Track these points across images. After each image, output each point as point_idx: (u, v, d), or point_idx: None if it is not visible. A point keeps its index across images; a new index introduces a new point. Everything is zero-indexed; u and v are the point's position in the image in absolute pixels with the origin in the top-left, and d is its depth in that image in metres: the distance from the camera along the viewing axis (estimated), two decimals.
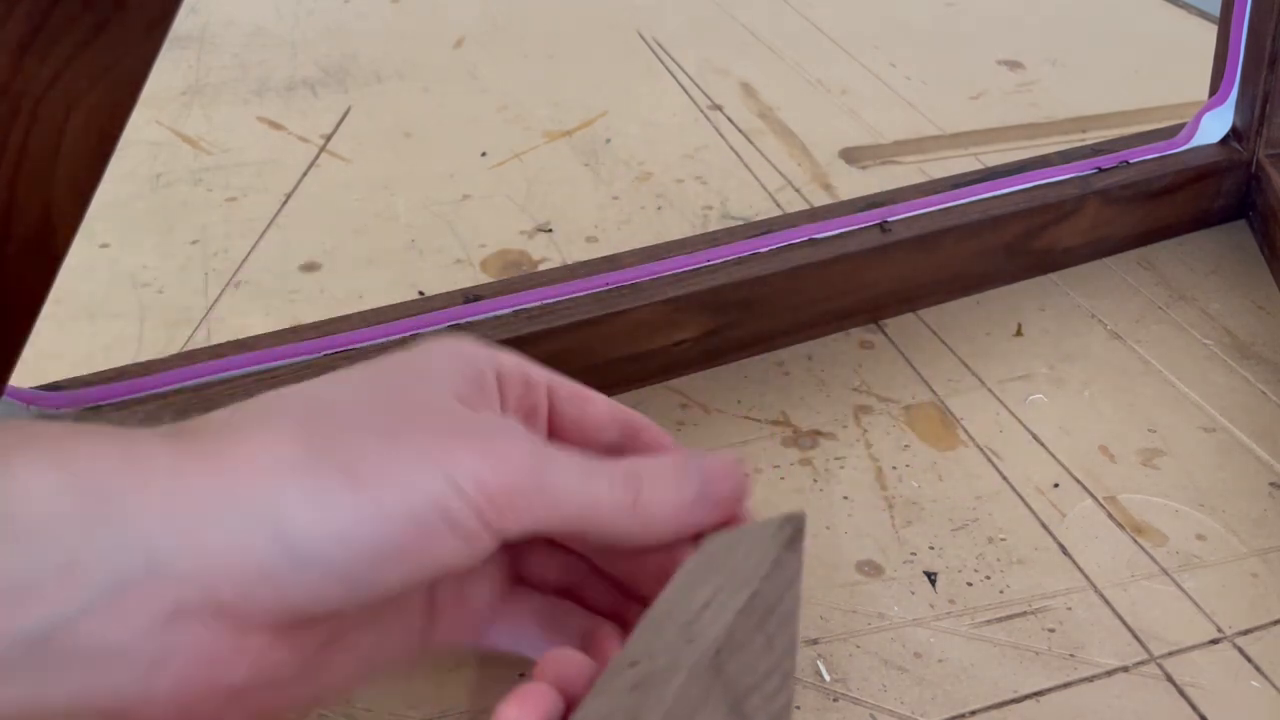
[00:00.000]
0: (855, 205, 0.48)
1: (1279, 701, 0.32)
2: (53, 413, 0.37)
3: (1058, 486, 0.40)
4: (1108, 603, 0.36)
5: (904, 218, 0.47)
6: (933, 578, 0.36)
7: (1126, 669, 0.34)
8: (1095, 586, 0.36)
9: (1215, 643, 0.34)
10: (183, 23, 0.81)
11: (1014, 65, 0.73)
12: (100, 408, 0.37)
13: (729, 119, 0.67)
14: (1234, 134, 0.53)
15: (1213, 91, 0.53)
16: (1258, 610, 0.35)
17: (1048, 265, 0.51)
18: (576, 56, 0.76)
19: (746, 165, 0.62)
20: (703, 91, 0.70)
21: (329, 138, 0.64)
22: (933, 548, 0.38)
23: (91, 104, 0.25)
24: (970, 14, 0.82)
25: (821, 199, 0.58)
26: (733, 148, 0.63)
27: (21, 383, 0.36)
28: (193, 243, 0.55)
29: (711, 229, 0.49)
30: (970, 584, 0.36)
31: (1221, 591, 0.36)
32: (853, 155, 0.63)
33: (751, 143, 0.64)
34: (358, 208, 0.58)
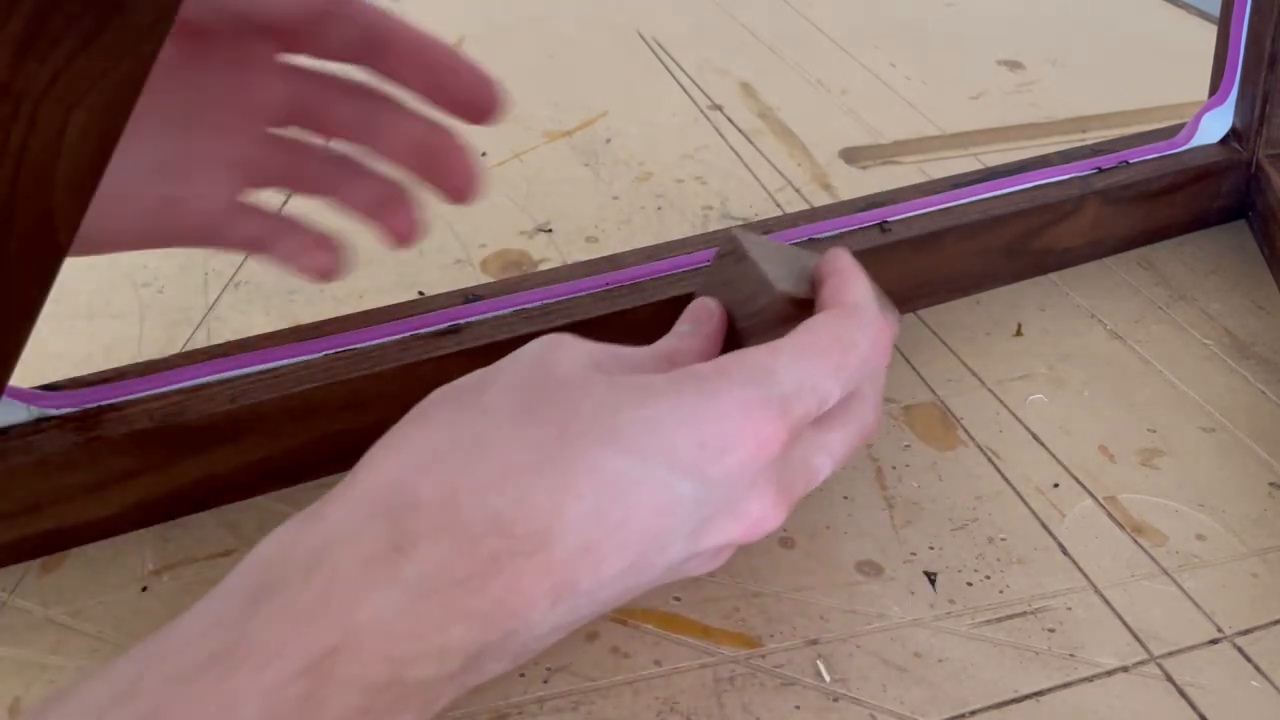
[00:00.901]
0: (855, 205, 0.48)
1: (1279, 701, 0.32)
2: (52, 412, 0.37)
3: (1058, 486, 0.40)
4: (1108, 603, 0.36)
5: (904, 218, 0.47)
6: (933, 578, 0.37)
7: (1126, 669, 0.34)
8: (1095, 586, 0.36)
9: (1215, 643, 0.34)
10: None
11: (1014, 65, 0.73)
12: (100, 407, 0.37)
13: (729, 119, 0.67)
14: (1234, 134, 0.53)
15: (1213, 91, 0.53)
16: (1258, 610, 0.35)
17: (1048, 265, 0.51)
18: (576, 56, 0.76)
19: (746, 165, 0.62)
20: (703, 91, 0.70)
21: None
22: (933, 548, 0.38)
23: (91, 104, 0.25)
24: (970, 14, 0.82)
25: (821, 199, 0.58)
26: (733, 148, 0.63)
27: (21, 383, 0.36)
28: None
29: (711, 229, 0.49)
30: (970, 584, 0.36)
31: (1221, 591, 0.36)
32: (853, 155, 0.63)
33: (751, 143, 0.64)
34: None
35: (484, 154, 0.62)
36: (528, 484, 0.27)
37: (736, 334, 0.36)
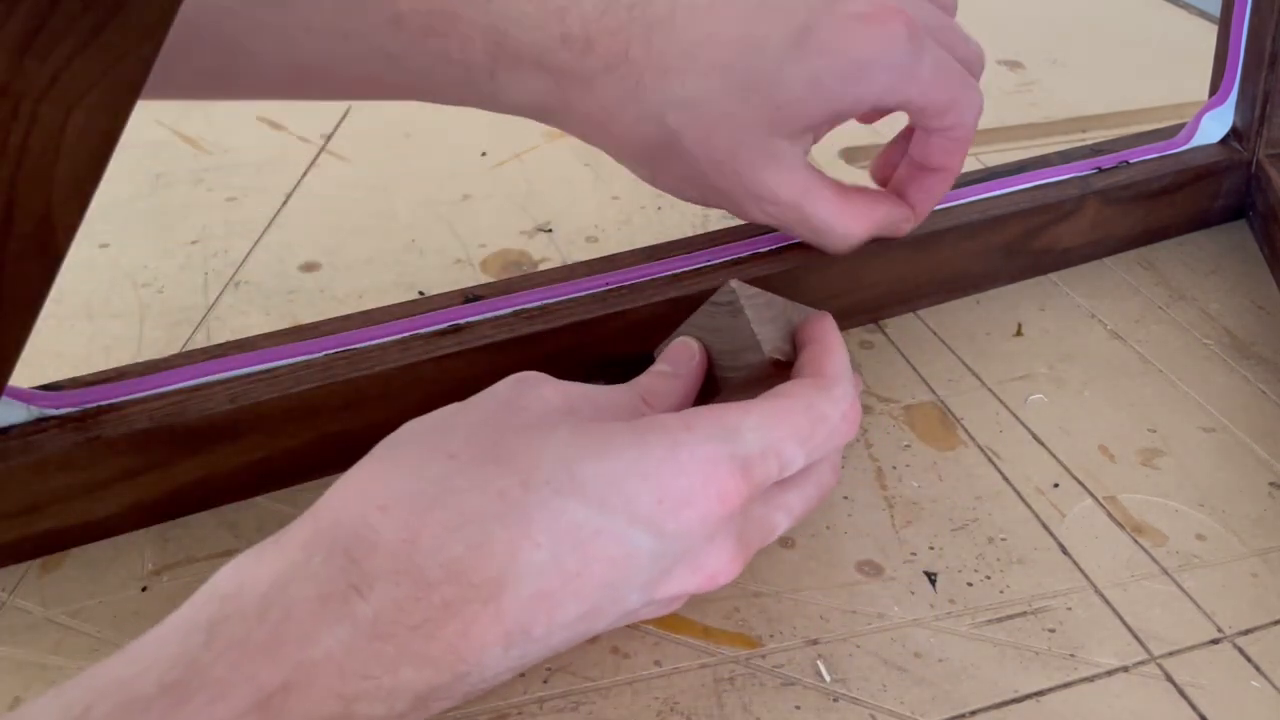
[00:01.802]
0: None
1: (1279, 701, 0.32)
2: (52, 412, 0.37)
3: (1058, 486, 0.40)
4: (1108, 603, 0.36)
5: None
6: (933, 578, 0.37)
7: (1126, 669, 0.34)
8: (1095, 586, 0.36)
9: (1215, 643, 0.34)
10: None
11: (1014, 65, 0.73)
12: (100, 407, 0.37)
13: None
14: (1234, 134, 0.53)
15: (1213, 91, 0.53)
16: (1258, 610, 0.35)
17: (1048, 265, 0.51)
18: None
19: None
20: None
21: (329, 137, 0.64)
22: (933, 548, 0.38)
23: (91, 104, 0.25)
24: (970, 14, 0.82)
25: None
26: None
27: (21, 383, 0.36)
28: (193, 243, 0.55)
29: (711, 229, 0.49)
30: (970, 584, 0.36)
31: (1221, 591, 0.36)
32: (853, 155, 0.63)
33: None
34: (357, 208, 0.58)
35: (484, 154, 0.62)
36: (487, 531, 0.27)
37: (714, 381, 0.37)
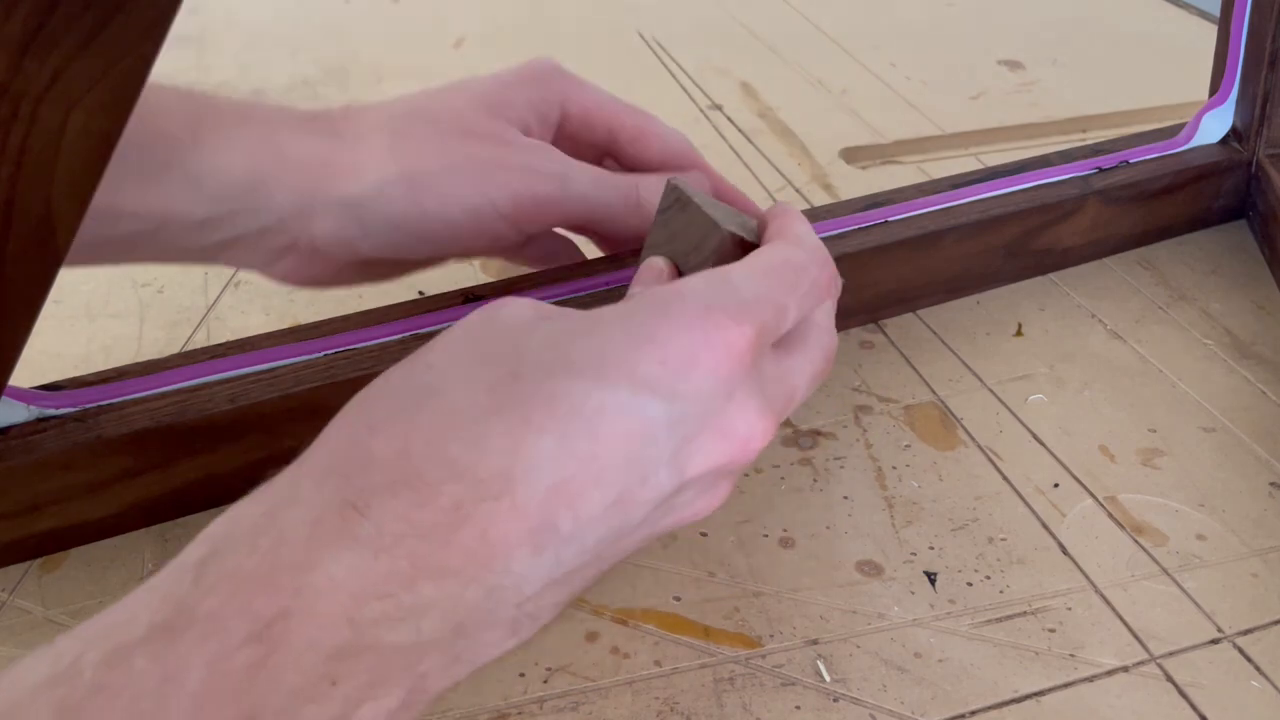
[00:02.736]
0: (855, 205, 0.48)
1: (1279, 701, 0.32)
2: (52, 412, 0.37)
3: (1058, 486, 0.40)
4: (1108, 603, 0.36)
5: (904, 218, 0.47)
6: (933, 578, 0.37)
7: (1126, 669, 0.34)
8: (1095, 586, 0.36)
9: (1215, 643, 0.34)
10: (183, 23, 0.81)
11: (1014, 65, 0.73)
12: (100, 407, 0.37)
13: (729, 119, 0.67)
14: (1234, 134, 0.53)
15: (1213, 91, 0.53)
16: (1258, 610, 0.35)
17: (1047, 265, 0.51)
18: (577, 56, 0.75)
19: (746, 165, 0.62)
20: (703, 91, 0.70)
21: None
22: (933, 548, 0.38)
23: (91, 104, 0.25)
24: (970, 14, 0.82)
25: (821, 199, 0.58)
26: (733, 148, 0.63)
27: (21, 382, 0.36)
28: None
29: None
30: (970, 584, 0.36)
31: (1221, 591, 0.36)
32: (853, 155, 0.63)
33: (751, 143, 0.64)
34: None
35: None
36: (483, 426, 0.25)
37: None
